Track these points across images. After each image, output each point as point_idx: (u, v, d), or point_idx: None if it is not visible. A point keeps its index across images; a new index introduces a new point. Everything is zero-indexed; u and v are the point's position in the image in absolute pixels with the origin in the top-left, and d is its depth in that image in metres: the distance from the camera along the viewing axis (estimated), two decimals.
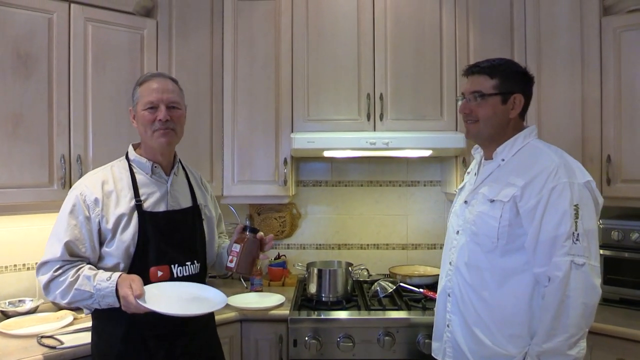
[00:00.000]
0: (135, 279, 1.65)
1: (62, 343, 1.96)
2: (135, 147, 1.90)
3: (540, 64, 2.66)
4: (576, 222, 1.58)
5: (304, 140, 2.58)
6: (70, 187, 2.24)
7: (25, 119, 2.19)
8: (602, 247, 2.50)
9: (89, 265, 1.72)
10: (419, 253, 3.19)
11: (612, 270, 2.48)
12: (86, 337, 2.00)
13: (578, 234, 1.57)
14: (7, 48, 2.15)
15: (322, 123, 2.77)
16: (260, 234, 1.92)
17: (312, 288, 2.63)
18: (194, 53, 2.71)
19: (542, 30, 2.66)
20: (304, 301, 2.61)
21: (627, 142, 2.47)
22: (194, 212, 1.92)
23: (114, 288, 1.64)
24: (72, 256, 1.71)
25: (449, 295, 1.87)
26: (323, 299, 2.59)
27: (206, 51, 2.76)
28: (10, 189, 2.16)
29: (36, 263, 2.49)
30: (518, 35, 2.70)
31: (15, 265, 2.50)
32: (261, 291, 2.79)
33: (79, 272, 1.69)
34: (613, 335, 2.16)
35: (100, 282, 1.66)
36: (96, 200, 1.74)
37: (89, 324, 2.16)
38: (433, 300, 2.58)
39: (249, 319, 2.45)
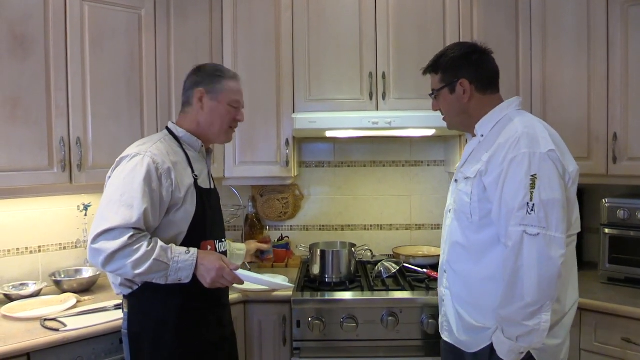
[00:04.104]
0: (219, 255, 1.76)
1: (65, 326, 1.96)
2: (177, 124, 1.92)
3: (546, 40, 2.60)
4: (532, 193, 1.56)
5: (306, 120, 2.56)
6: (71, 169, 2.26)
7: (22, 102, 2.16)
8: (607, 225, 2.49)
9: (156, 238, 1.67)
10: (422, 233, 3.18)
11: (617, 249, 2.46)
12: (89, 320, 2.02)
13: (533, 205, 1.55)
14: (2, 29, 2.11)
15: (324, 103, 2.73)
16: None
17: (315, 269, 2.63)
18: (193, 32, 2.67)
19: (547, 5, 2.60)
20: (307, 282, 2.61)
21: (634, 119, 2.41)
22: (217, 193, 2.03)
23: (194, 262, 1.66)
24: (144, 225, 1.65)
25: (445, 272, 1.90)
26: (326, 279, 2.58)
27: (205, 30, 2.71)
28: (10, 172, 2.13)
29: (39, 246, 2.55)
30: (523, 11, 2.64)
31: (17, 249, 2.50)
32: (271, 264, 2.92)
33: (153, 243, 1.63)
34: (618, 315, 2.15)
35: (179, 254, 1.66)
36: (169, 169, 1.74)
37: (93, 306, 2.18)
38: (436, 280, 2.58)
39: (252, 300, 2.44)
